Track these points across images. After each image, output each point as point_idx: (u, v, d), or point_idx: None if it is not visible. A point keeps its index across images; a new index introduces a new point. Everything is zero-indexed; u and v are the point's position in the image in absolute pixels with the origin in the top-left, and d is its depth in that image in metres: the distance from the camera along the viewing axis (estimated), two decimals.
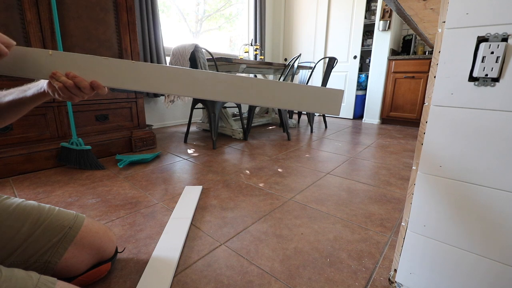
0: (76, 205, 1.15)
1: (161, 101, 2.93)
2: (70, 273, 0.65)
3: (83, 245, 0.66)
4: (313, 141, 2.39)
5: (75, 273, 0.66)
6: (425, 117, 0.58)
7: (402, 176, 1.55)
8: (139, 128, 1.98)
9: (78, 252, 0.65)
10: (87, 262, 0.68)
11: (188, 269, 0.78)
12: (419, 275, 0.66)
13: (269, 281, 0.74)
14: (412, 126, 3.20)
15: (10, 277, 0.43)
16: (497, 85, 0.48)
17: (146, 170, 1.59)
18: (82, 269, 0.67)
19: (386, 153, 2.04)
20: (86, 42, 1.62)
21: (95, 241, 0.69)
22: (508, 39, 0.46)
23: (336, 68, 3.60)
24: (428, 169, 0.59)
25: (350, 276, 0.77)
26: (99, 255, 0.70)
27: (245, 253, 0.86)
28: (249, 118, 2.39)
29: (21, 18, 1.38)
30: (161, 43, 2.65)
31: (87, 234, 0.67)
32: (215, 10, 3.50)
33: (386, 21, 3.12)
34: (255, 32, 3.76)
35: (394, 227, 1.03)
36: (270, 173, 1.56)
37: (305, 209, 1.15)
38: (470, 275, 0.58)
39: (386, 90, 3.25)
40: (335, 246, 0.90)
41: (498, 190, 0.52)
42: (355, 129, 3.01)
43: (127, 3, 1.77)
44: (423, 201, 0.61)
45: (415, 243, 0.64)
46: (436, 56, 0.54)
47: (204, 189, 1.33)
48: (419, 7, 0.76)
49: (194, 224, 1.02)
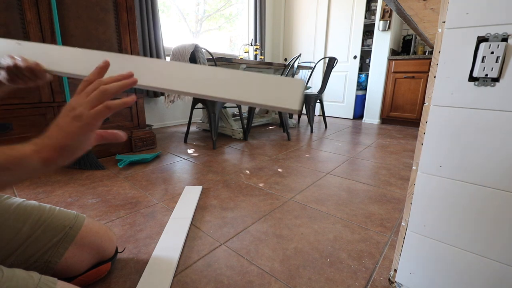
0: (76, 205, 1.15)
1: (161, 101, 2.93)
2: (70, 273, 0.65)
3: (84, 245, 0.66)
4: (313, 141, 2.39)
5: (75, 273, 0.66)
6: (425, 117, 0.58)
7: (402, 176, 1.55)
8: (139, 128, 1.98)
9: (79, 252, 0.65)
10: (87, 262, 0.68)
11: (188, 269, 0.78)
12: (419, 275, 0.66)
13: (269, 281, 0.74)
14: (412, 126, 3.20)
15: (11, 277, 0.43)
16: (497, 85, 0.48)
17: (146, 170, 1.59)
18: (82, 269, 0.67)
19: (386, 153, 2.04)
20: (86, 42, 1.62)
21: (95, 241, 0.69)
22: (508, 39, 0.46)
23: (336, 68, 3.60)
24: (428, 169, 0.59)
25: (350, 276, 0.77)
26: (99, 255, 0.70)
27: (245, 253, 0.86)
28: (249, 118, 2.39)
29: (21, 18, 1.38)
30: (161, 43, 2.65)
31: (87, 234, 0.67)
32: (215, 10, 3.50)
33: (386, 21, 3.12)
34: (255, 32, 3.76)
35: (394, 227, 1.03)
36: (270, 173, 1.56)
37: (305, 209, 1.15)
38: (470, 275, 0.58)
39: (386, 90, 3.25)
40: (335, 246, 0.90)
41: (498, 190, 0.52)
42: (355, 129, 3.01)
43: (127, 3, 1.77)
44: (423, 201, 0.61)
45: (415, 243, 0.64)
46: (436, 56, 0.54)
47: (204, 189, 1.33)
48: (419, 7, 0.76)
49: (194, 224, 1.02)
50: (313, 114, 2.84)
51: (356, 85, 3.58)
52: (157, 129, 2.81)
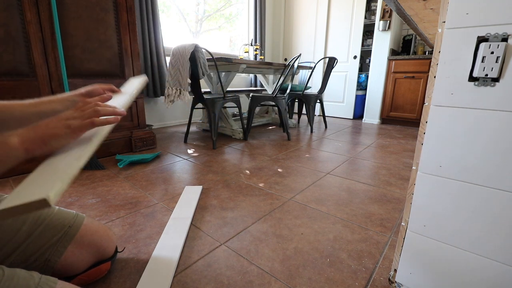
0: (76, 205, 1.15)
1: (161, 101, 2.93)
2: (70, 271, 0.66)
3: (83, 243, 0.66)
4: (313, 141, 2.39)
5: (75, 271, 0.67)
6: (425, 117, 0.58)
7: (402, 176, 1.55)
8: (139, 128, 1.98)
9: (78, 250, 0.66)
10: (87, 261, 0.68)
11: (188, 269, 0.78)
12: (419, 275, 0.66)
13: (269, 281, 0.74)
14: (412, 126, 3.20)
15: (12, 276, 0.43)
16: (497, 85, 0.48)
17: (146, 170, 1.59)
18: (82, 268, 0.68)
19: (386, 153, 2.04)
20: (86, 42, 1.62)
21: (95, 240, 0.69)
22: (508, 39, 0.46)
23: (336, 68, 3.60)
24: (428, 169, 0.59)
25: (350, 276, 0.77)
26: (99, 254, 0.71)
27: (245, 253, 0.86)
28: (249, 118, 2.39)
29: (21, 18, 1.38)
30: (161, 43, 2.65)
31: (87, 232, 0.68)
32: (215, 10, 3.50)
33: (386, 21, 3.12)
34: (255, 32, 3.76)
35: (394, 227, 1.03)
36: (270, 173, 1.56)
37: (305, 209, 1.15)
38: (470, 275, 0.58)
39: (386, 90, 3.25)
40: (335, 246, 0.90)
41: (498, 190, 0.52)
42: (355, 129, 3.01)
43: (127, 3, 1.77)
44: (423, 201, 0.61)
45: (415, 243, 0.64)
46: (436, 56, 0.54)
47: (204, 189, 1.33)
48: (419, 7, 0.76)
49: (194, 224, 1.02)
50: (313, 114, 2.84)
51: (356, 85, 3.58)
52: (157, 129, 2.81)
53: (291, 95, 2.90)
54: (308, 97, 2.78)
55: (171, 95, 1.92)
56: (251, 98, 2.40)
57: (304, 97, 2.77)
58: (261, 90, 3.34)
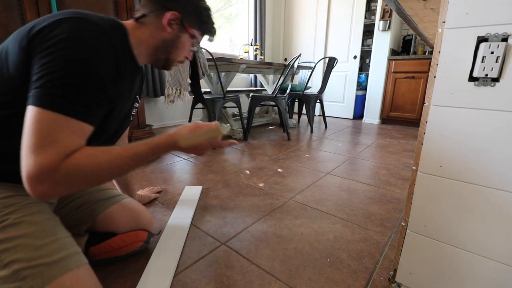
0: None
1: (161, 101, 2.93)
2: (110, 226, 0.77)
3: (126, 206, 0.81)
4: (313, 141, 2.39)
5: (115, 228, 0.78)
6: (425, 117, 0.58)
7: (402, 176, 1.55)
8: (139, 128, 1.98)
9: (121, 210, 0.80)
10: (127, 224, 0.80)
11: (188, 269, 0.78)
12: (419, 275, 0.66)
13: (269, 281, 0.74)
14: (412, 126, 3.20)
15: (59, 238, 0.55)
16: (497, 85, 0.49)
17: (146, 170, 1.59)
18: (122, 228, 0.79)
19: (386, 153, 2.04)
20: None
21: (136, 207, 0.85)
22: (508, 39, 0.46)
23: (336, 68, 3.59)
24: (428, 169, 0.59)
25: (350, 276, 0.77)
26: (137, 222, 0.82)
27: (245, 253, 0.86)
28: (249, 118, 2.39)
29: (21, 18, 1.38)
30: None
31: (130, 202, 0.84)
32: (215, 10, 3.50)
33: (386, 21, 3.12)
34: (255, 32, 3.76)
35: (394, 227, 1.03)
36: (270, 173, 1.56)
37: (305, 209, 1.15)
38: (470, 275, 0.58)
39: (386, 90, 3.25)
40: (335, 246, 0.90)
41: (498, 190, 0.52)
42: (355, 129, 3.01)
43: (127, 3, 1.77)
44: (423, 201, 0.61)
45: (415, 243, 0.64)
46: (436, 56, 0.54)
47: (204, 189, 1.33)
48: (419, 7, 0.76)
49: (194, 224, 1.02)
50: (313, 114, 2.84)
51: (356, 85, 3.58)
52: (157, 129, 2.81)
53: (291, 95, 2.90)
54: (308, 97, 2.78)
55: (171, 95, 1.92)
56: (251, 98, 2.40)
57: (304, 97, 2.77)
58: (261, 90, 3.34)
